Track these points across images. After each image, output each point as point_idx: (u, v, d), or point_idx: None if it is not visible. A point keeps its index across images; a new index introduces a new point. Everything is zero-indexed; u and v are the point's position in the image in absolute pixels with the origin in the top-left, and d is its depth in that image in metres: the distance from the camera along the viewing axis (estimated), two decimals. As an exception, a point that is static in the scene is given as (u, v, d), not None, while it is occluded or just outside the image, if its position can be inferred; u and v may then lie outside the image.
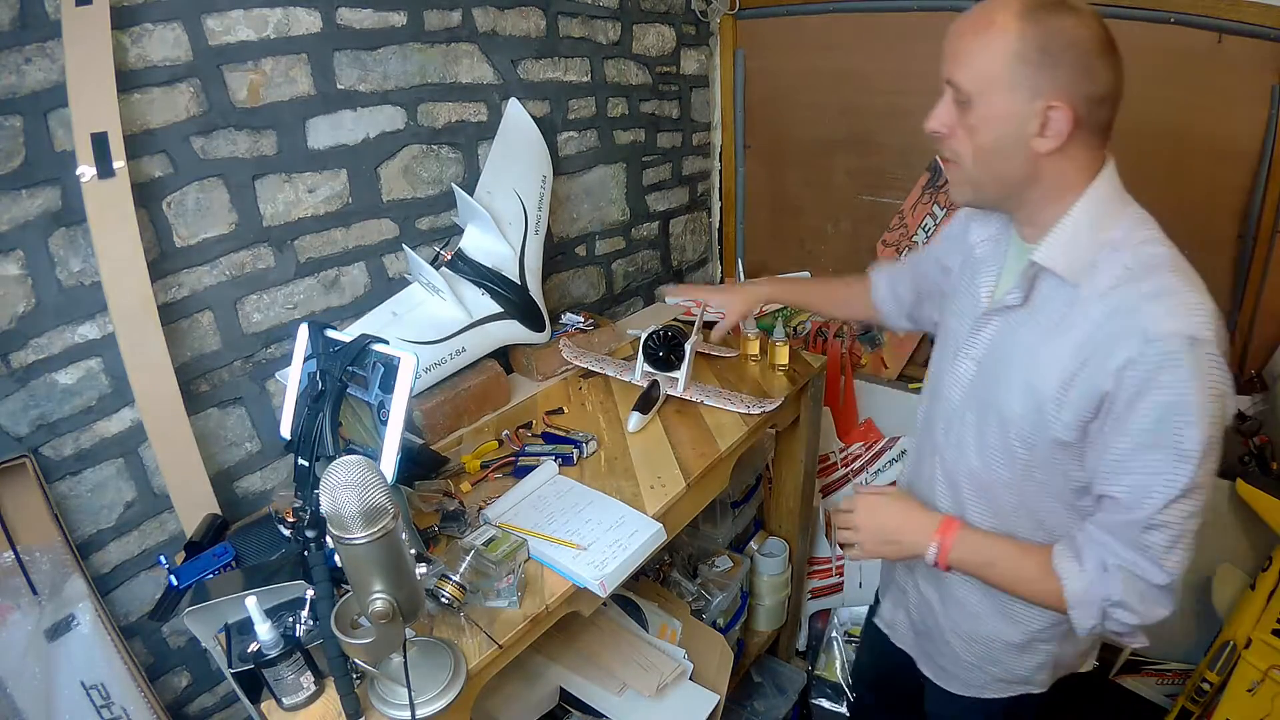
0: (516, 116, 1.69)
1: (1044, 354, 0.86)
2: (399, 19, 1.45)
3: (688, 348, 1.51)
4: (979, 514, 1.01)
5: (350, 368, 1.02)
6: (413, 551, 0.86)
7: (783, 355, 1.67)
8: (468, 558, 1.00)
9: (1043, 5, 0.79)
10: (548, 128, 1.78)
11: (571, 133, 1.88)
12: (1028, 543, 0.95)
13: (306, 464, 1.04)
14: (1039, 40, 0.78)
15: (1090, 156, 0.85)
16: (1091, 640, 1.10)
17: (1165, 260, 0.81)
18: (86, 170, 1.07)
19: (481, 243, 1.56)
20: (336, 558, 0.79)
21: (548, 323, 1.68)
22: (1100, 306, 0.81)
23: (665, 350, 1.53)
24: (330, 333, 1.08)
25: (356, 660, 0.83)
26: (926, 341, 2.11)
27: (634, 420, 1.43)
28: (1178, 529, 0.81)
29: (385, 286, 1.54)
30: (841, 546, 1.07)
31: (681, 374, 1.52)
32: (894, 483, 1.65)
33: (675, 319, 1.99)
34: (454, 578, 0.97)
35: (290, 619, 0.91)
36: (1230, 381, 0.79)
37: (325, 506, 0.73)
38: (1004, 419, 0.92)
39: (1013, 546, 0.95)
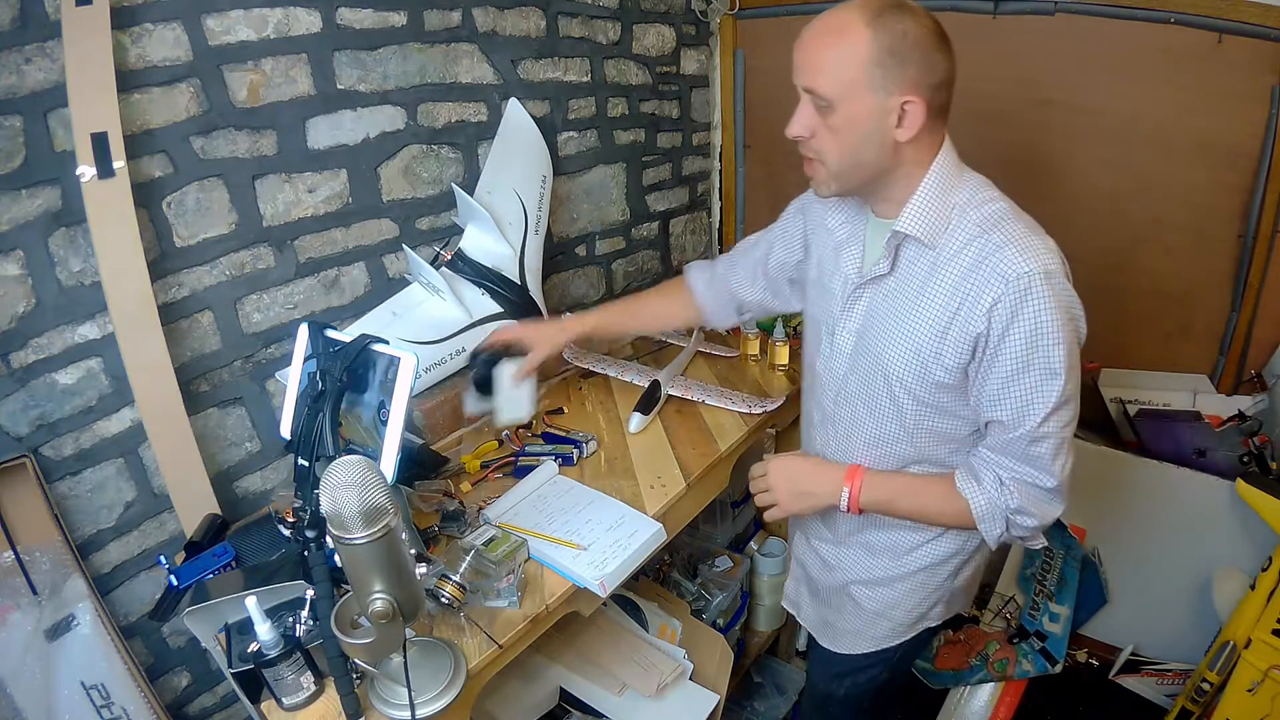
0: (516, 116, 1.69)
1: (917, 310, 0.96)
2: (399, 19, 1.45)
3: (499, 374, 1.26)
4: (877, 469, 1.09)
5: (350, 368, 1.02)
6: (413, 551, 0.86)
7: (783, 355, 1.67)
8: (468, 558, 1.00)
9: (885, 9, 0.87)
10: (548, 128, 1.78)
11: (571, 133, 1.88)
12: (926, 474, 1.06)
13: (306, 464, 1.04)
14: (888, 43, 0.86)
15: (935, 135, 0.94)
16: (973, 575, 1.22)
17: (1007, 213, 0.92)
18: (86, 170, 1.07)
19: (481, 243, 1.56)
20: (336, 558, 0.79)
21: (548, 323, 1.68)
22: (960, 261, 0.91)
23: (485, 371, 1.27)
24: (330, 333, 1.08)
25: (356, 660, 0.83)
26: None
27: (635, 421, 1.43)
28: (1059, 437, 0.93)
29: (385, 286, 1.54)
30: (761, 510, 1.15)
31: (499, 404, 1.27)
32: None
33: None
34: (454, 578, 0.97)
35: (290, 619, 0.91)
36: (1079, 303, 0.90)
37: (325, 506, 0.73)
38: (888, 376, 1.01)
39: (915, 479, 1.07)
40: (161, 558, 1.18)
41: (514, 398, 1.28)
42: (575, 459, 1.35)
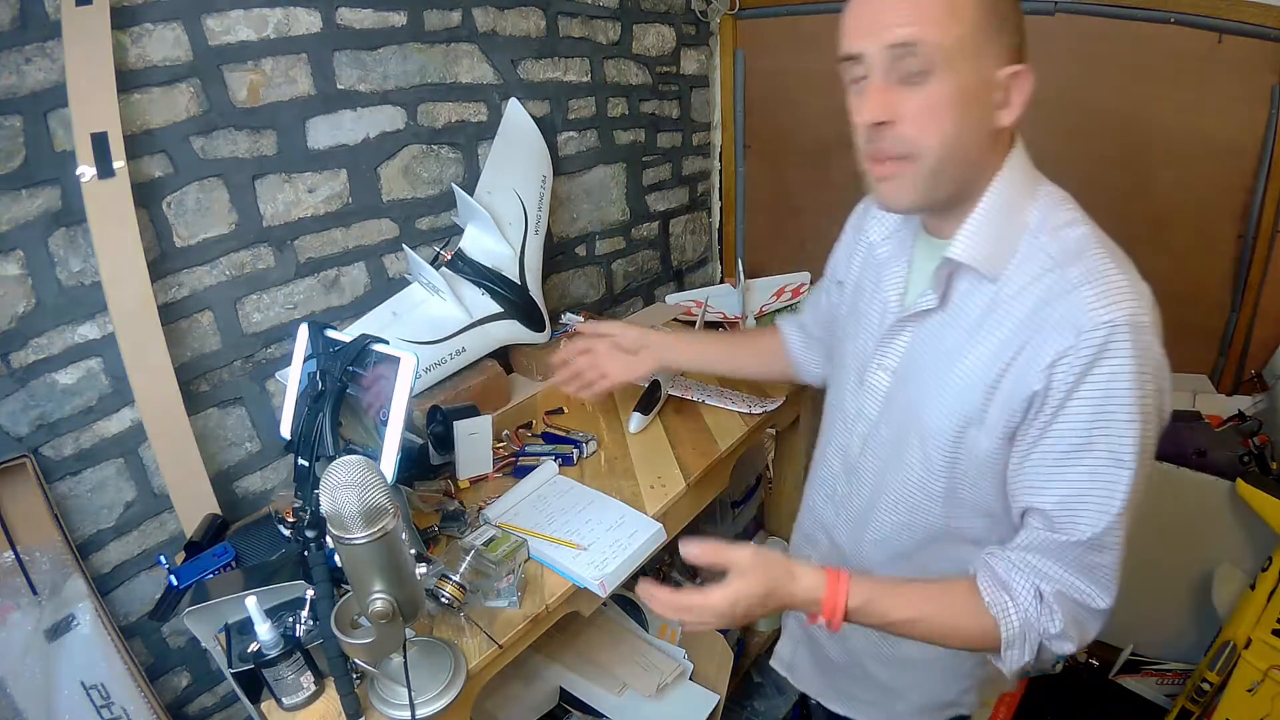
0: (516, 116, 1.69)
1: (966, 359, 0.75)
2: (399, 19, 1.45)
3: (458, 431, 1.27)
4: (900, 538, 0.89)
5: (350, 368, 1.02)
6: (413, 551, 0.86)
7: (783, 355, 1.67)
8: (468, 558, 1.00)
9: None
10: (548, 128, 1.78)
11: (571, 133, 1.88)
12: (933, 580, 0.82)
13: (306, 464, 1.04)
14: None
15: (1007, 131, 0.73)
16: None
17: (1090, 241, 0.70)
18: (86, 170, 1.07)
19: (481, 243, 1.55)
20: (336, 558, 0.79)
21: (548, 323, 1.68)
22: (1025, 300, 0.70)
23: (444, 429, 1.27)
24: (330, 333, 1.08)
25: (356, 660, 0.83)
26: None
27: (635, 421, 1.43)
28: (1121, 546, 0.72)
29: (385, 286, 1.54)
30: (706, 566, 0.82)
31: (459, 460, 1.29)
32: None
33: (675, 319, 1.99)
34: (454, 578, 0.97)
35: (290, 619, 0.91)
36: (1168, 370, 0.69)
37: (325, 506, 0.73)
38: (923, 434, 0.80)
39: (920, 591, 0.79)
40: (161, 558, 1.18)
41: (473, 454, 1.30)
42: (575, 459, 1.35)
